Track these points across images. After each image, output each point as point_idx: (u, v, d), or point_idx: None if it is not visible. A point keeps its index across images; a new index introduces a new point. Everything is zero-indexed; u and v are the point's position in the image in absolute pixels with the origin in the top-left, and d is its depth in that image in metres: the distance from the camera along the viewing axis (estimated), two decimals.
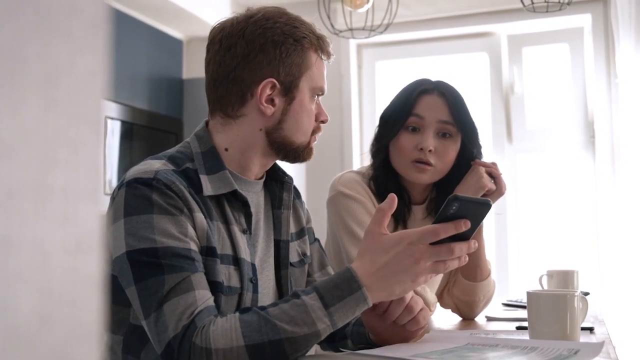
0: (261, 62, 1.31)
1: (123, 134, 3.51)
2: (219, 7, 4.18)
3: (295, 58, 1.33)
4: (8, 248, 0.37)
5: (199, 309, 1.13)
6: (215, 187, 1.30)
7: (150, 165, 1.27)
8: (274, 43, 1.31)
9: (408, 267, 1.14)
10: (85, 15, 0.42)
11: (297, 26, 1.34)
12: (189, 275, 1.16)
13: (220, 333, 1.10)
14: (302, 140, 1.38)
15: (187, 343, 1.10)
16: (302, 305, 1.12)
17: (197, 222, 1.23)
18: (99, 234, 0.43)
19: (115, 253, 1.21)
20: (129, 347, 1.29)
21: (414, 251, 1.14)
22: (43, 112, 0.40)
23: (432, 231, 1.14)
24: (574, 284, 2.01)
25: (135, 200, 1.21)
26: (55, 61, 0.40)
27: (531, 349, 1.21)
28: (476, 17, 4.17)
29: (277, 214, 1.44)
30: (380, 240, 1.17)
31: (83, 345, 0.41)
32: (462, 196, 1.14)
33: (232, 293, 1.28)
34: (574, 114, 4.08)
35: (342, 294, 1.13)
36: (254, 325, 1.10)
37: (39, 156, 0.39)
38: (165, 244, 1.17)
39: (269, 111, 1.33)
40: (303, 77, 1.35)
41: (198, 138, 1.37)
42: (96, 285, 0.42)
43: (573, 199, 4.04)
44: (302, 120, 1.36)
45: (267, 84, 1.32)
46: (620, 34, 3.62)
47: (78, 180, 0.41)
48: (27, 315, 0.38)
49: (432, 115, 1.81)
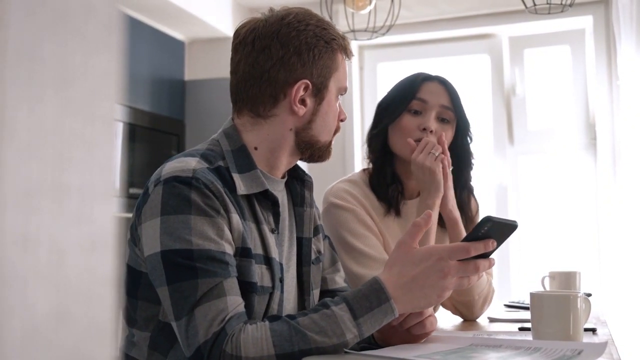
0: (295, 64, 1.33)
1: (125, 135, 3.52)
2: (221, 9, 4.19)
3: (327, 60, 1.37)
4: (25, 247, 0.38)
5: (229, 316, 1.14)
6: (248, 186, 1.31)
7: (186, 163, 1.26)
8: (307, 45, 1.34)
9: (435, 281, 1.18)
10: (100, 16, 0.43)
11: (326, 28, 1.38)
12: (221, 280, 1.17)
13: (251, 342, 1.11)
14: (326, 139, 1.41)
15: (217, 350, 1.11)
16: (332, 316, 1.14)
17: (233, 223, 1.24)
18: (113, 233, 0.43)
19: (148, 251, 1.21)
20: (156, 344, 1.29)
21: (443, 267, 1.17)
22: (59, 112, 0.40)
23: (463, 249, 1.18)
24: (576, 285, 2.01)
25: (174, 199, 1.21)
26: (71, 62, 0.41)
27: (534, 349, 1.21)
28: (478, 18, 4.17)
29: (299, 211, 1.46)
30: (410, 253, 1.20)
31: (98, 342, 0.41)
32: (495, 218, 1.18)
33: (264, 293, 1.29)
34: (575, 116, 4.09)
35: (371, 305, 1.16)
36: (284, 334, 1.12)
37: (56, 156, 0.40)
38: (201, 246, 1.18)
39: (301, 112, 1.35)
40: (332, 78, 1.39)
41: (227, 136, 1.38)
42: (111, 283, 0.43)
43: (574, 200, 4.04)
44: (329, 119, 1.40)
45: (301, 85, 1.34)
46: (621, 35, 3.63)
47: (93, 180, 0.42)
48: (45, 313, 0.38)
49: (434, 99, 1.87)
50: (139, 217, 1.25)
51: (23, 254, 0.38)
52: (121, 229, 1.88)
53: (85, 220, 0.42)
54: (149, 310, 1.28)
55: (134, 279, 1.30)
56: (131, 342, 1.33)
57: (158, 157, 3.77)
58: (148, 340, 1.29)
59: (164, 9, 3.83)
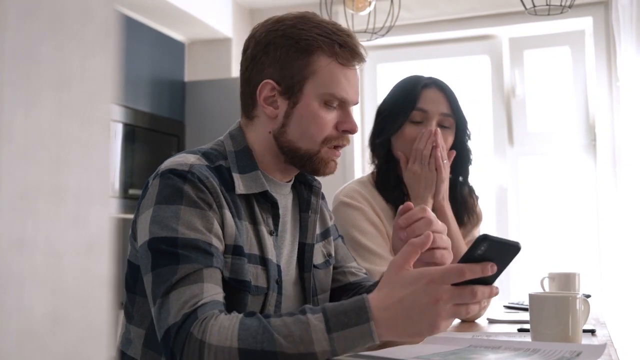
0: (264, 63, 1.33)
1: (125, 136, 3.52)
2: (221, 10, 4.19)
3: (296, 60, 1.31)
4: (22, 249, 0.38)
5: (203, 301, 1.12)
6: (247, 186, 1.31)
7: (185, 158, 1.28)
8: (275, 44, 1.32)
9: (424, 307, 1.05)
10: (97, 19, 0.43)
11: (304, 28, 1.32)
12: (201, 268, 1.16)
13: (217, 329, 1.08)
14: (309, 147, 1.34)
15: (185, 332, 1.09)
16: (304, 323, 1.07)
17: (226, 219, 1.24)
18: (109, 235, 0.43)
19: (140, 241, 1.22)
20: (150, 341, 1.29)
21: (433, 290, 1.05)
22: (56, 114, 0.40)
23: (457, 271, 1.05)
24: (575, 287, 2.01)
25: (167, 190, 1.22)
26: (68, 65, 0.41)
27: (533, 350, 1.21)
28: (478, 20, 4.17)
29: (304, 217, 1.44)
30: (400, 274, 1.09)
31: (95, 344, 0.41)
32: (492, 237, 1.05)
33: (259, 293, 1.28)
34: (575, 117, 4.09)
35: (349, 321, 1.06)
36: (251, 330, 1.07)
37: (52, 158, 0.40)
38: (186, 235, 1.18)
39: (270, 112, 1.34)
40: (308, 81, 1.32)
41: (232, 137, 1.39)
42: (107, 285, 0.43)
43: (574, 201, 4.04)
44: (307, 125, 1.33)
45: (266, 84, 1.33)
46: (621, 37, 3.63)
47: (90, 183, 0.42)
48: (41, 315, 0.38)
49: (434, 108, 1.90)
50: (138, 210, 1.27)
51: (20, 257, 0.38)
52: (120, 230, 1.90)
53: (81, 223, 0.42)
54: (145, 306, 1.29)
55: (132, 274, 1.31)
56: (127, 339, 1.33)
57: (158, 158, 3.77)
58: (143, 338, 1.30)
59: (164, 10, 3.84)
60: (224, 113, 3.80)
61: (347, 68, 1.34)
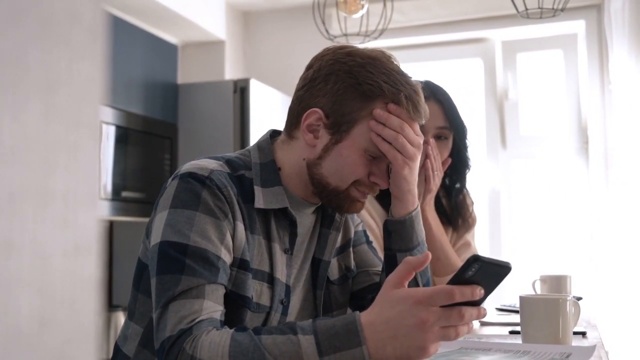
0: (320, 90, 1.29)
1: (117, 138, 3.51)
2: (214, 12, 4.19)
3: (352, 100, 1.27)
4: (9, 251, 0.38)
5: (200, 318, 1.12)
6: (267, 201, 1.29)
7: (207, 163, 1.27)
8: (337, 77, 1.28)
9: (411, 329, 1.01)
10: (84, 22, 0.43)
11: (371, 71, 1.27)
12: (204, 283, 1.15)
13: (208, 345, 1.07)
14: (338, 184, 1.30)
15: (178, 347, 1.09)
16: (296, 344, 1.04)
17: (237, 231, 1.23)
18: (97, 237, 0.43)
19: (152, 242, 1.22)
20: (146, 341, 1.29)
21: (420, 312, 1.00)
22: (43, 117, 0.40)
23: (446, 292, 1.00)
24: (566, 289, 2.02)
25: (185, 194, 1.21)
26: (55, 68, 0.41)
27: (524, 352, 1.22)
28: (470, 23, 4.18)
29: (325, 232, 1.41)
30: (391, 293, 1.04)
31: (82, 346, 0.42)
32: (483, 257, 1.01)
33: (260, 311, 1.27)
34: (567, 120, 4.10)
35: (340, 345, 1.03)
36: (242, 347, 1.05)
37: (40, 161, 0.40)
38: (197, 244, 1.17)
39: (309, 140, 1.30)
40: (359, 125, 1.28)
41: (259, 149, 1.36)
42: (95, 288, 0.43)
43: (566, 204, 4.05)
44: (343, 164, 1.29)
45: (314, 112, 1.29)
46: (613, 40, 3.64)
47: (77, 185, 0.42)
48: (27, 317, 0.39)
49: (430, 122, 1.90)
50: (155, 209, 1.26)
51: (6, 259, 0.38)
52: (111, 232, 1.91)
53: (69, 225, 0.42)
54: (146, 304, 1.29)
55: (139, 271, 1.32)
56: (124, 335, 1.34)
57: (151, 160, 3.77)
58: (140, 336, 1.30)
59: (157, 12, 3.83)
60: (217, 116, 3.79)
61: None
